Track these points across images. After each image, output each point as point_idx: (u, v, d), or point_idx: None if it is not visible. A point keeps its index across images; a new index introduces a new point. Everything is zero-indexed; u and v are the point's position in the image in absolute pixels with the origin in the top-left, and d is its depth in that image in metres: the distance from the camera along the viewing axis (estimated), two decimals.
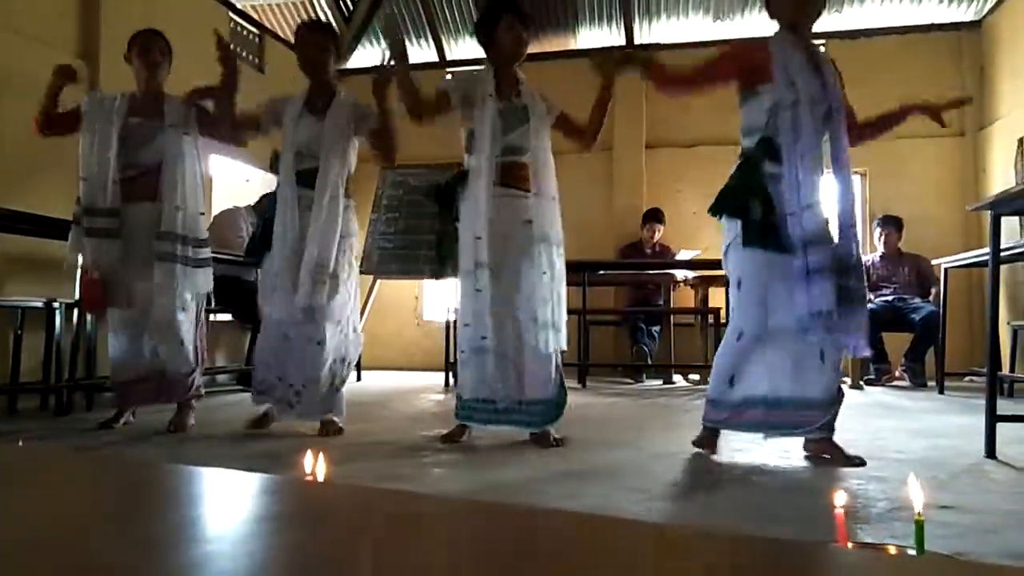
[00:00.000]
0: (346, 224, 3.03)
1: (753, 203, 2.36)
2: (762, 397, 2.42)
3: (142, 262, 3.08)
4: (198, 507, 0.76)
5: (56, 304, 3.76)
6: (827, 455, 2.42)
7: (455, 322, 3.11)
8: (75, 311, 3.84)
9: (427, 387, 5.30)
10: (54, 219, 3.79)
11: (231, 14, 6.17)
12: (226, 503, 0.76)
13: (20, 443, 2.62)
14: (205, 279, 3.20)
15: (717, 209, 2.47)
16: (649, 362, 6.05)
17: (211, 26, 5.79)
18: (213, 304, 3.43)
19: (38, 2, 4.34)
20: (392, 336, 7.21)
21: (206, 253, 3.21)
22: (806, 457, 2.48)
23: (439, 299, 6.89)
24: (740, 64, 2.50)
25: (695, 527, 1.61)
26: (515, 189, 2.76)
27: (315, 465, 1.24)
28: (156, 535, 0.62)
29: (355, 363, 3.19)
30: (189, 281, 3.13)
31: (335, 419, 3.03)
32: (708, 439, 2.59)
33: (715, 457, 2.53)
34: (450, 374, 5.19)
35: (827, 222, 2.37)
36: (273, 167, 3.26)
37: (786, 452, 2.56)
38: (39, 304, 3.75)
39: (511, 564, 0.55)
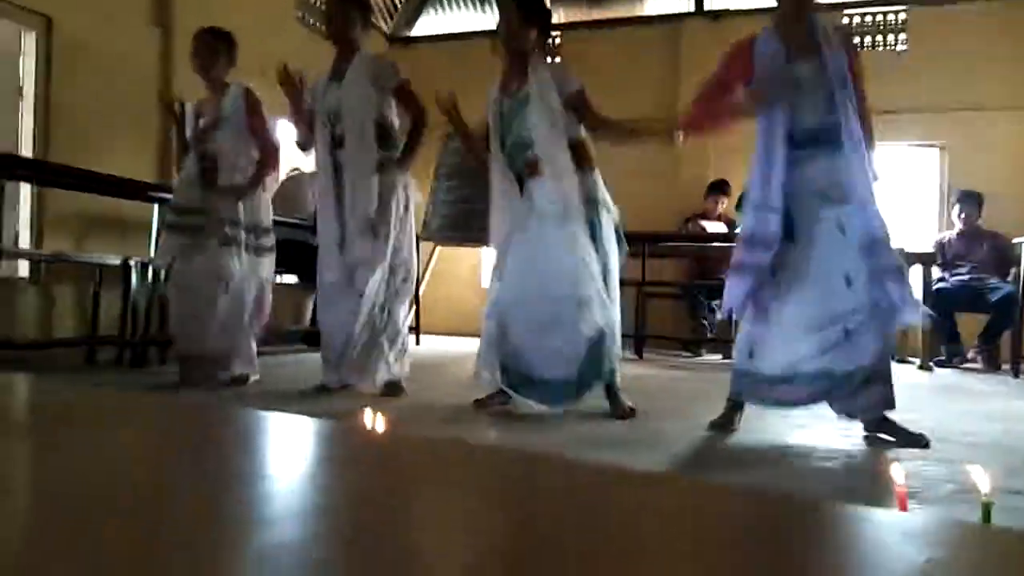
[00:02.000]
0: (388, 176, 3.05)
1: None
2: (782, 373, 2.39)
3: (207, 245, 3.23)
4: (263, 447, 0.80)
5: (132, 262, 3.93)
6: (888, 435, 2.36)
7: None
8: (150, 269, 4.01)
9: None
10: (129, 180, 3.95)
11: None
12: (288, 445, 0.79)
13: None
14: (263, 266, 3.36)
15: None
16: (709, 336, 5.97)
17: None
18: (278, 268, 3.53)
19: None
20: (453, 303, 7.29)
21: (266, 241, 3.37)
22: (865, 438, 2.41)
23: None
24: (736, 69, 2.48)
25: (740, 487, 1.60)
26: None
27: (372, 419, 1.28)
28: (224, 473, 0.65)
29: (406, 318, 3.18)
30: (248, 266, 3.29)
31: (396, 381, 3.07)
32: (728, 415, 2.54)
33: (759, 432, 2.48)
34: None
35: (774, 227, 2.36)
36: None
37: (846, 431, 2.50)
38: (116, 262, 3.92)
39: (531, 508, 0.56)
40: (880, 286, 2.27)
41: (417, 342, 5.60)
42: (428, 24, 7.61)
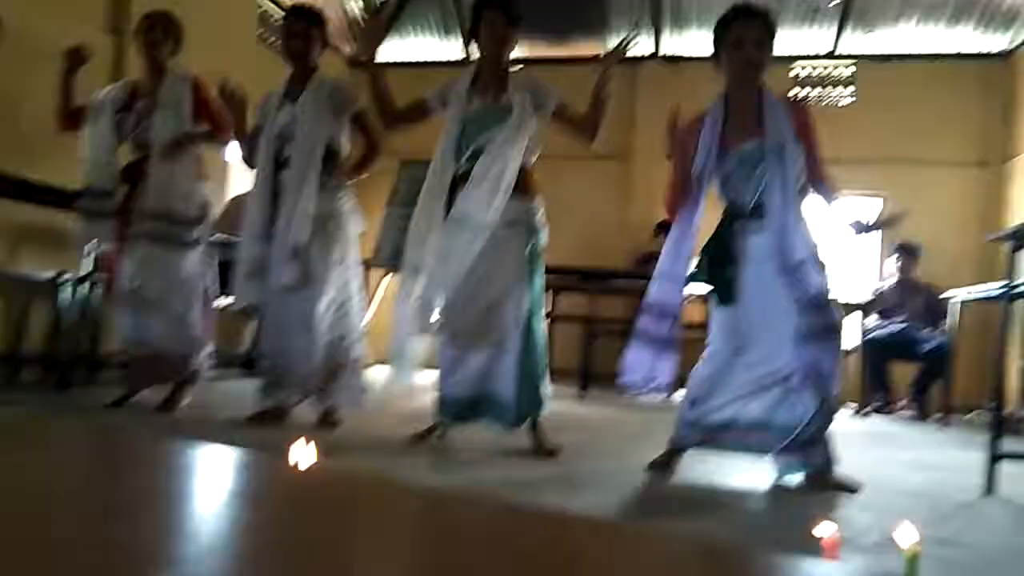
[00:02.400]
0: (331, 202, 3.00)
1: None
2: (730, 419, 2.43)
3: (142, 240, 3.11)
4: (172, 477, 0.75)
5: (63, 278, 3.77)
6: (820, 480, 2.38)
7: None
8: (82, 285, 3.85)
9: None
10: (69, 191, 3.82)
11: None
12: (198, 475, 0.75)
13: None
14: (188, 261, 3.19)
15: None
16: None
17: (241, 12, 5.80)
18: (219, 289, 3.42)
19: None
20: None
21: (190, 234, 3.20)
22: (799, 483, 2.43)
23: None
24: (686, 157, 2.55)
25: (666, 532, 1.59)
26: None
27: (300, 450, 1.23)
28: (123, 502, 0.61)
29: (359, 343, 3.12)
30: (173, 261, 3.15)
31: (334, 409, 3.01)
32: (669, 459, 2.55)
33: (697, 476, 2.49)
34: None
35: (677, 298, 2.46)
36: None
37: (776, 477, 2.51)
38: (46, 276, 3.76)
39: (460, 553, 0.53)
40: (818, 349, 2.32)
41: None
42: (390, 50, 7.62)
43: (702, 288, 2.55)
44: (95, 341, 3.99)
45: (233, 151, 3.36)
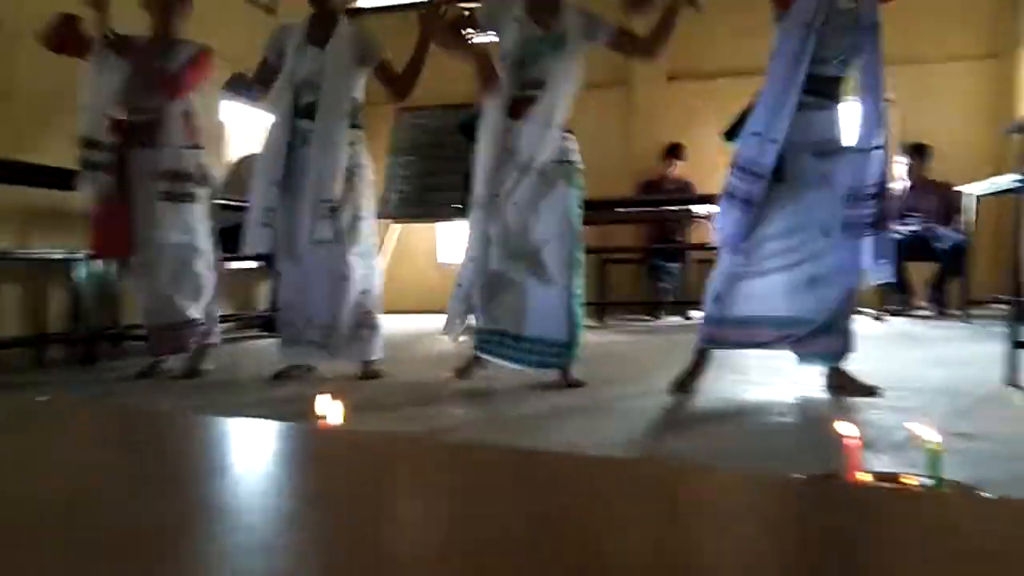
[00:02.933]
0: (356, 156, 2.98)
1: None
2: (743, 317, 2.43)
3: (149, 206, 3.07)
4: (207, 456, 0.77)
5: (77, 256, 3.81)
6: (841, 386, 2.41)
7: None
8: (96, 261, 3.88)
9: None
10: (69, 171, 3.82)
11: None
12: (230, 451, 0.77)
13: (38, 399, 2.69)
14: (195, 213, 3.15)
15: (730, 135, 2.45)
16: (670, 299, 6.03)
17: None
18: (230, 251, 3.41)
19: None
20: (412, 280, 7.23)
21: (194, 188, 3.15)
22: (822, 387, 2.46)
23: (454, 242, 6.86)
24: None
25: (676, 462, 1.62)
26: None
27: (329, 411, 1.25)
28: (162, 482, 0.62)
29: (379, 297, 3.12)
30: (192, 218, 3.12)
31: (372, 361, 3.03)
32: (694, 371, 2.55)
33: (720, 392, 2.51)
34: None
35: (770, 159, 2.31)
36: (234, 87, 3.11)
37: (802, 385, 2.54)
38: (59, 256, 3.79)
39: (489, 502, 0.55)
40: (853, 241, 2.31)
41: None
42: None
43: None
44: (115, 314, 4.05)
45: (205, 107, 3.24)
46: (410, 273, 7.25)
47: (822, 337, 2.37)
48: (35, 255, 3.82)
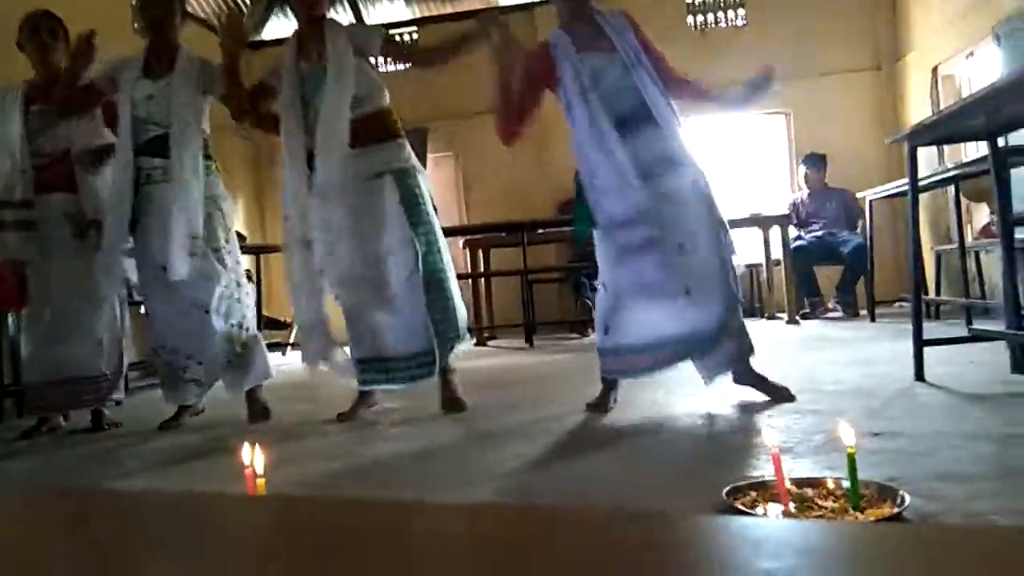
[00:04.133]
0: (213, 187, 2.90)
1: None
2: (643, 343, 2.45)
3: (58, 254, 2.93)
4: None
5: None
6: (755, 388, 2.48)
7: None
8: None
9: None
10: None
11: None
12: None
13: None
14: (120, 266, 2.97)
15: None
16: (594, 315, 6.09)
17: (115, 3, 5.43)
18: (134, 295, 3.25)
19: None
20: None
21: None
22: (736, 382, 2.52)
23: None
24: (536, 77, 2.54)
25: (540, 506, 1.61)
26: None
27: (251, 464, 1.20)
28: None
29: (253, 322, 3.06)
30: (109, 271, 2.93)
31: (258, 397, 2.94)
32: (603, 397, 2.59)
33: (642, 410, 2.52)
34: None
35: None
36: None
37: (718, 397, 2.55)
38: None
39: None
40: (717, 240, 2.40)
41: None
42: (275, 29, 7.34)
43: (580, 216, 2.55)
44: (17, 370, 3.79)
45: None
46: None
47: (718, 347, 2.42)
48: None
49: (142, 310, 3.35)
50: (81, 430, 3.03)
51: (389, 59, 2.77)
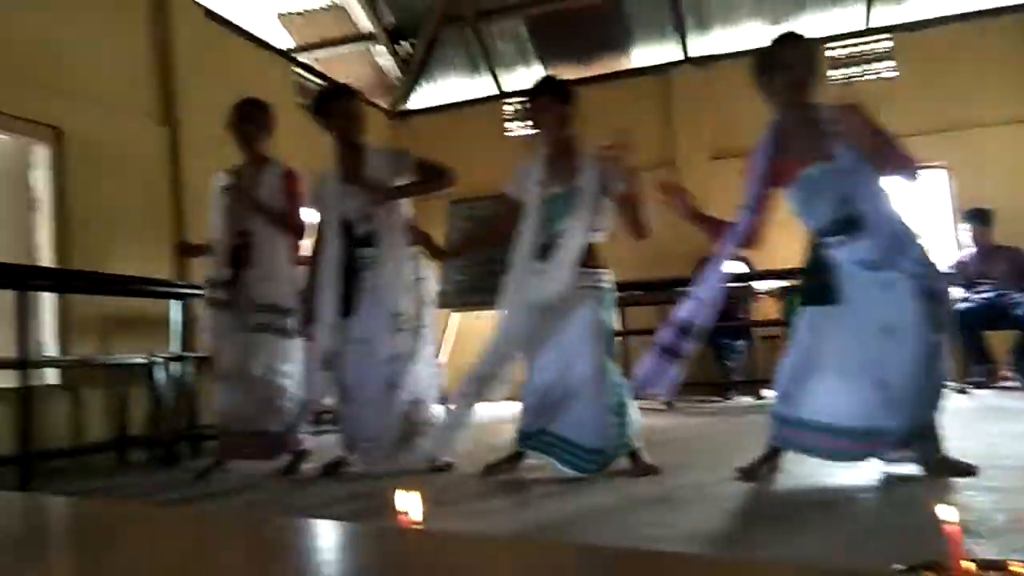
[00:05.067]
0: (416, 270, 3.12)
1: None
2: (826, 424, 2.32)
3: (246, 327, 3.17)
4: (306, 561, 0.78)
5: (158, 359, 3.97)
6: (936, 468, 2.29)
7: None
8: (175, 365, 4.03)
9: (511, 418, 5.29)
10: (147, 279, 4.02)
11: (296, 69, 6.44)
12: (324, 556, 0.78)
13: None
14: (295, 348, 3.24)
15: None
16: (737, 378, 5.89)
17: (280, 82, 6.02)
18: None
19: (120, 74, 4.60)
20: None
21: (294, 323, 3.23)
22: (912, 467, 2.33)
23: None
24: (763, 175, 2.50)
25: (767, 559, 1.55)
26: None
27: (409, 507, 1.25)
28: None
29: (434, 402, 3.17)
30: (279, 350, 3.19)
31: (437, 459, 3.01)
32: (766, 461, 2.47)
33: (807, 480, 2.40)
34: None
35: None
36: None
37: (883, 467, 2.39)
38: (142, 360, 3.95)
39: None
40: (927, 342, 2.23)
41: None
42: (423, 96, 7.81)
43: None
44: (193, 416, 4.15)
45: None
46: (470, 361, 7.26)
47: (909, 445, 2.26)
48: (117, 360, 3.99)
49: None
50: (260, 474, 3.23)
51: None
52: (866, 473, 2.37)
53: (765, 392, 5.69)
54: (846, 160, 2.32)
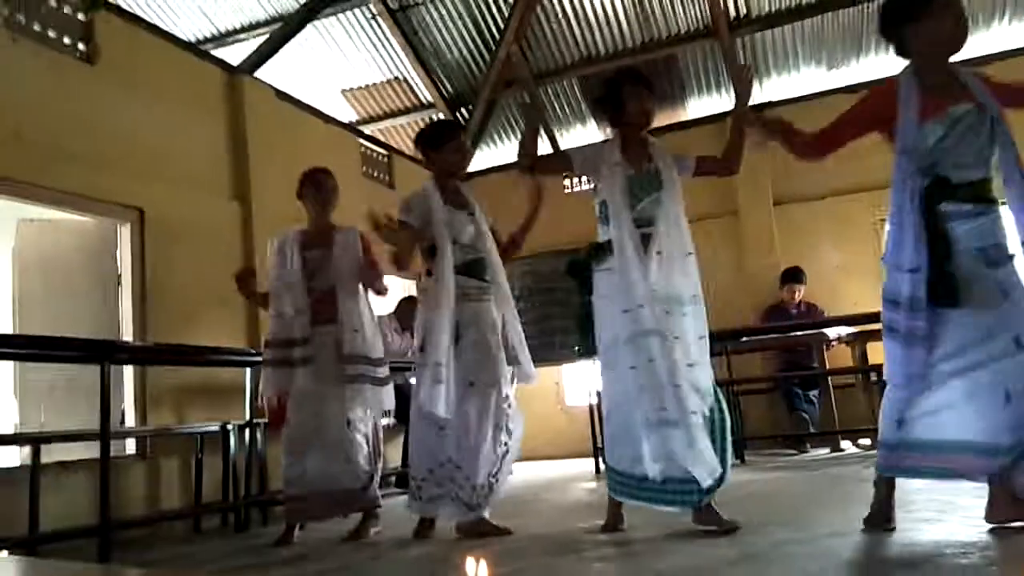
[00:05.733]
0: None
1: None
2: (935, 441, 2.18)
3: (330, 382, 3.23)
4: None
5: (230, 427, 4.07)
6: None
7: (599, 404, 3.05)
8: (247, 431, 4.13)
9: (577, 475, 5.21)
10: (222, 348, 4.16)
11: (361, 140, 6.68)
12: None
13: None
14: (388, 396, 3.33)
15: None
16: (811, 429, 5.67)
17: (346, 154, 6.27)
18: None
19: (197, 155, 4.86)
20: (537, 425, 7.15)
21: (385, 371, 3.34)
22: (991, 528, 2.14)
23: (580, 384, 6.82)
24: (875, 106, 2.38)
25: None
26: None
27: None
28: None
29: (518, 436, 3.17)
30: (374, 399, 3.28)
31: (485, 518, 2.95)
32: (882, 508, 2.30)
33: (905, 532, 2.24)
34: (600, 459, 5.06)
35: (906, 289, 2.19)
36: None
37: (978, 519, 2.21)
38: (215, 428, 4.06)
39: None
40: None
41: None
42: (481, 159, 8.00)
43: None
44: (264, 482, 4.22)
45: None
46: (536, 419, 7.19)
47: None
48: (192, 429, 4.11)
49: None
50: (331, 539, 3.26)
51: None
52: (959, 527, 2.21)
53: (844, 443, 5.45)
54: (993, 109, 2.21)
